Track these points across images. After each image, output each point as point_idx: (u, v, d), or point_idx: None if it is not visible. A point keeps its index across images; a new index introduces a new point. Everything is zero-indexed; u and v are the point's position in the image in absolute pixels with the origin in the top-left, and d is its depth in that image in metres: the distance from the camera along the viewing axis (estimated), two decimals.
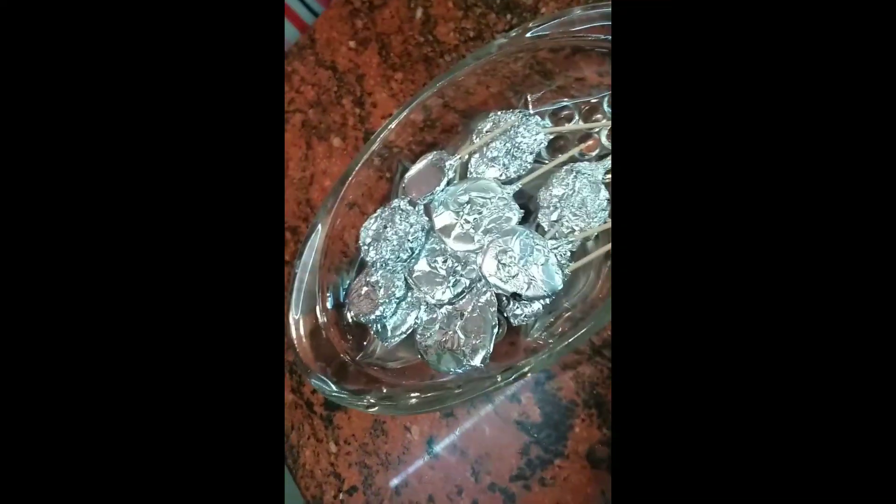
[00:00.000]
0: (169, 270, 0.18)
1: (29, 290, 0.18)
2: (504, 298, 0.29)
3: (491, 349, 0.28)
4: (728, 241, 0.16)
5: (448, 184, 0.33)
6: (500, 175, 0.32)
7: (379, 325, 0.32)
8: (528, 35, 0.31)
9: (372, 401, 0.29)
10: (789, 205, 0.15)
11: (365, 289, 0.33)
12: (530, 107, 0.33)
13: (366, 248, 0.33)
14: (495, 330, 0.29)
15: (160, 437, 0.18)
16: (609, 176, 0.30)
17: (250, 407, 0.18)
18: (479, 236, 0.30)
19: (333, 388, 0.31)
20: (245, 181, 0.19)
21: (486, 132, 0.32)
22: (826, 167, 0.15)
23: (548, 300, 0.28)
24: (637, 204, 0.16)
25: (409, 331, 0.32)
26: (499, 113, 0.33)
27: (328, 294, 0.35)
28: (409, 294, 0.32)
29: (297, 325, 0.34)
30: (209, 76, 0.19)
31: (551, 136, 0.32)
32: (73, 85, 0.19)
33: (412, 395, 0.28)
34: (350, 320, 0.34)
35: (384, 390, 0.30)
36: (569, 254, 0.29)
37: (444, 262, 0.31)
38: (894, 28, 0.15)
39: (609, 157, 0.29)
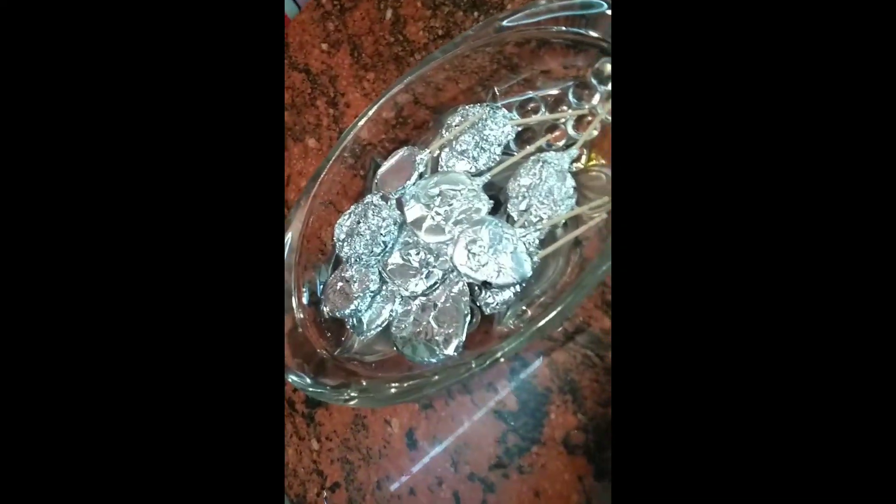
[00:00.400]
0: (173, 269, 0.18)
1: (28, 285, 0.18)
2: (476, 288, 0.30)
3: (464, 338, 0.29)
4: (728, 234, 0.16)
5: (419, 178, 0.33)
6: (470, 168, 0.32)
7: (354, 320, 0.32)
8: (495, 26, 0.32)
9: (352, 394, 0.29)
10: (791, 215, 0.15)
11: (340, 284, 0.33)
12: (498, 100, 0.34)
13: (340, 243, 0.34)
14: (468, 319, 0.29)
15: (159, 438, 0.18)
16: (575, 165, 0.30)
17: (251, 408, 0.18)
18: (450, 227, 0.30)
19: (312, 383, 0.31)
20: (247, 181, 0.19)
21: (455, 126, 0.33)
22: (826, 143, 0.15)
23: (518, 287, 0.29)
24: (637, 196, 0.16)
25: (385, 324, 0.32)
26: (467, 107, 0.33)
27: (304, 290, 0.35)
28: (384, 287, 0.32)
29: None
30: (213, 79, 0.19)
31: (519, 128, 0.33)
32: (72, 81, 0.19)
33: (391, 385, 0.28)
34: (326, 316, 0.34)
35: (363, 383, 0.30)
36: (537, 242, 0.29)
37: (417, 254, 0.31)
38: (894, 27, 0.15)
39: (574, 147, 0.30)
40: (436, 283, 0.31)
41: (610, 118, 0.30)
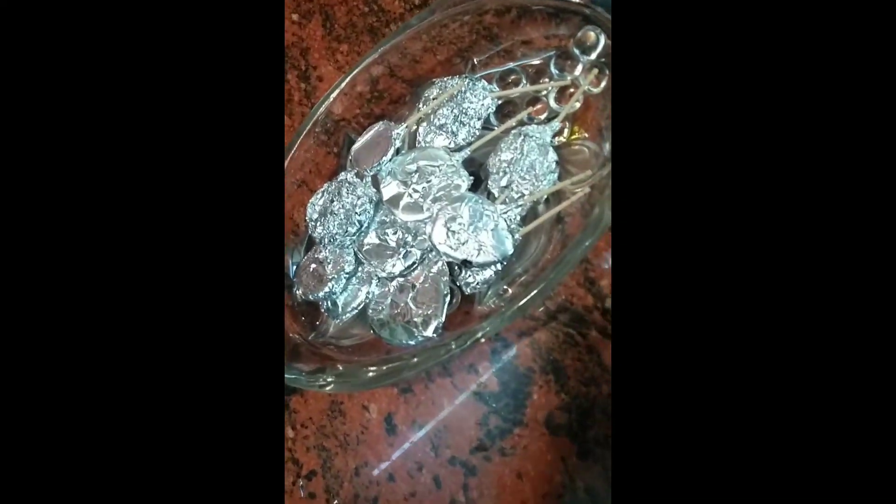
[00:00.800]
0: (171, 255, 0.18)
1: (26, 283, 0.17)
2: (456, 267, 0.29)
3: (443, 319, 0.28)
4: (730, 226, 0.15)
5: (396, 154, 0.32)
6: (449, 143, 0.31)
7: (329, 303, 0.31)
8: None
9: (328, 379, 0.28)
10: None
11: (313, 266, 0.32)
12: (477, 71, 0.33)
13: (313, 223, 0.32)
14: (447, 299, 0.28)
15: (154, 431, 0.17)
16: (557, 139, 0.29)
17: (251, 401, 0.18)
18: (429, 205, 0.29)
19: (286, 369, 0.29)
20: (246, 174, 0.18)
21: (433, 99, 0.31)
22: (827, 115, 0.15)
23: (499, 266, 0.28)
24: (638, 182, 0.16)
25: (361, 306, 0.31)
26: (445, 79, 0.32)
27: None
28: (360, 269, 0.31)
29: None
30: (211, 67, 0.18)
31: (499, 101, 0.31)
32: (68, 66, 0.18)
33: (368, 369, 0.27)
34: (300, 299, 0.32)
35: (340, 367, 0.29)
36: (519, 218, 0.28)
37: (394, 233, 0.30)
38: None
39: (556, 120, 0.29)
40: (414, 263, 0.29)
41: (593, 90, 0.29)
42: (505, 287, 0.28)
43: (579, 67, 0.30)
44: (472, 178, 0.30)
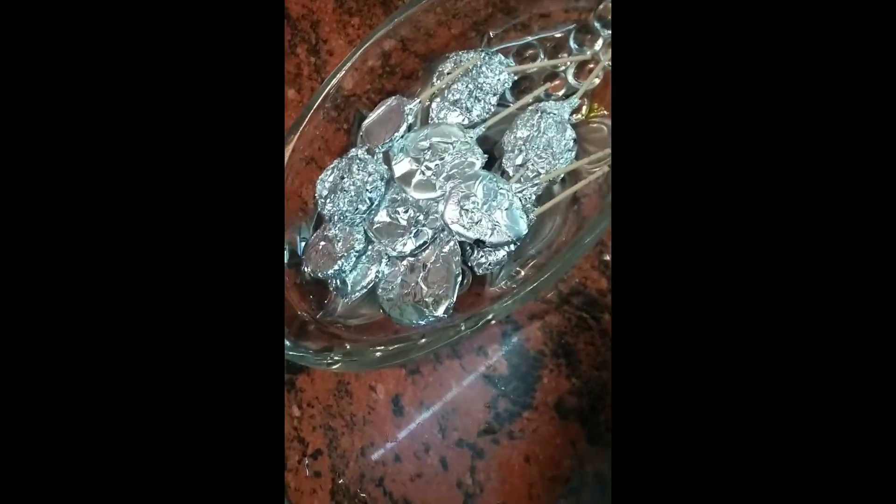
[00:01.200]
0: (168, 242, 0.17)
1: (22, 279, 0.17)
2: (468, 247, 0.28)
3: (454, 299, 0.27)
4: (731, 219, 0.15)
5: (408, 130, 0.31)
6: (463, 119, 0.30)
7: (338, 281, 0.31)
8: None
9: (335, 358, 0.28)
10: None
11: (322, 244, 0.31)
12: (493, 46, 0.32)
13: (322, 200, 0.32)
14: (459, 279, 0.27)
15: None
16: (575, 116, 0.28)
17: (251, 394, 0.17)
18: (442, 183, 0.28)
19: (293, 347, 0.29)
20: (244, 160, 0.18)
21: (447, 74, 0.30)
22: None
23: (513, 247, 0.27)
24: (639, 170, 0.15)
25: (371, 285, 0.30)
26: (460, 53, 0.31)
27: (284, 250, 0.33)
28: (370, 247, 0.31)
29: None
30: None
31: (516, 77, 0.30)
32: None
33: (376, 349, 0.27)
34: (308, 277, 0.32)
35: (347, 346, 0.29)
36: (534, 198, 0.27)
37: (406, 212, 0.30)
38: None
39: (574, 96, 0.28)
40: (425, 242, 0.29)
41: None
42: (518, 269, 0.28)
43: (599, 42, 0.29)
44: (486, 155, 0.29)
